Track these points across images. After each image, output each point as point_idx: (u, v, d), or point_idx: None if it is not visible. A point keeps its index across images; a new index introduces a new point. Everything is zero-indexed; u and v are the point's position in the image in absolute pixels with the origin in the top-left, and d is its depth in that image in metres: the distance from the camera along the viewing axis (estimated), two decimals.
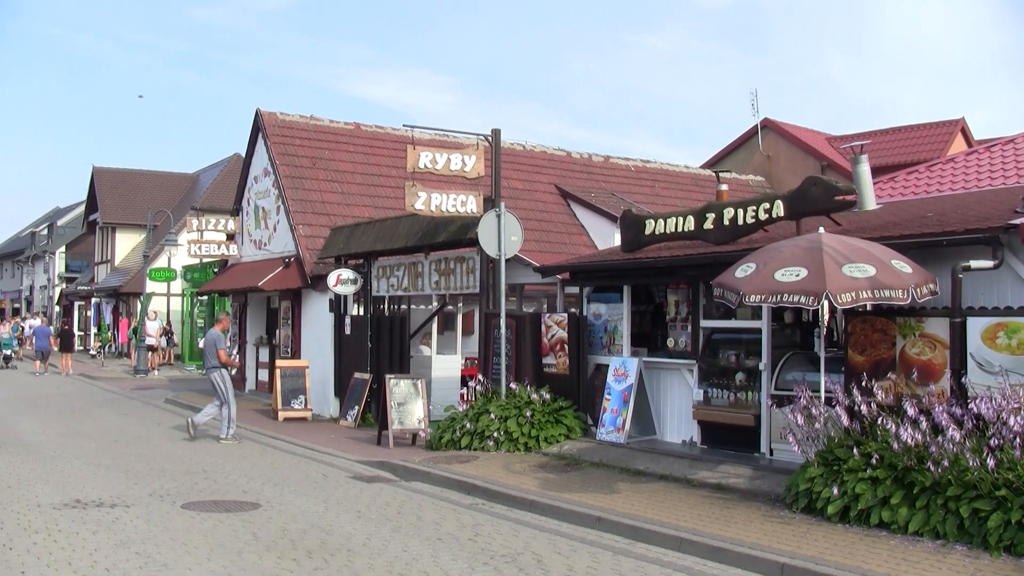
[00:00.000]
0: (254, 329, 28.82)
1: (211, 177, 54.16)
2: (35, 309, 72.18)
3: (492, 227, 16.56)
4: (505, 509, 12.10)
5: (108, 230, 56.17)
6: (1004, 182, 17.43)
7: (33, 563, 9.26)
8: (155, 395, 28.26)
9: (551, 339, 16.95)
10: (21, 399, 26.98)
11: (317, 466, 15.57)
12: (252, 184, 27.68)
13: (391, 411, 17.21)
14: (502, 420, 15.86)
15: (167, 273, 40.26)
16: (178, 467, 15.18)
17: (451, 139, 25.67)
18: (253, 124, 27.01)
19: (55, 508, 11.84)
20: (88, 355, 51.42)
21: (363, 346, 20.94)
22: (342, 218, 23.95)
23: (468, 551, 9.84)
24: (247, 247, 28.24)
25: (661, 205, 28.86)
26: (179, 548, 9.87)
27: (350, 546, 10.03)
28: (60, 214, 78.99)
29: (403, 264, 20.27)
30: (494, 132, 17.98)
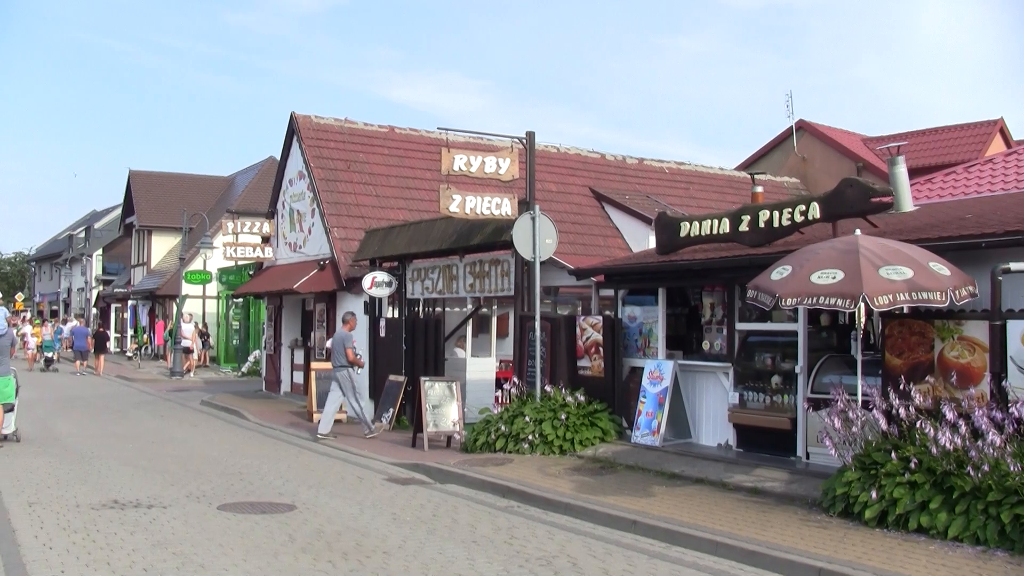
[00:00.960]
0: (289, 331, 28.92)
1: (246, 180, 54.41)
2: (72, 311, 72.71)
3: (527, 229, 16.55)
4: (540, 512, 12.08)
5: (144, 233, 56.51)
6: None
7: (72, 563, 9.32)
8: (191, 397, 28.40)
9: (586, 341, 16.92)
10: (59, 400, 27.17)
11: (352, 468, 15.60)
12: (287, 187, 27.79)
13: (426, 413, 17.21)
14: (537, 423, 15.84)
15: (203, 275, 40.47)
16: (214, 469, 15.25)
17: (485, 142, 25.65)
18: (288, 127, 27.13)
19: (93, 508, 11.91)
20: (124, 357, 51.75)
21: (398, 348, 20.96)
22: (376, 221, 24.00)
23: (503, 554, 9.83)
24: (282, 250, 28.35)
25: (696, 207, 28.79)
26: (215, 549, 9.90)
27: (385, 548, 10.03)
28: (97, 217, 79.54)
29: (438, 267, 20.28)
30: (528, 135, 17.96)
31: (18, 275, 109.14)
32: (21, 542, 10.17)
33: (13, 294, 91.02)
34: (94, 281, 69.05)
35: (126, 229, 60.93)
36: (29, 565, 9.21)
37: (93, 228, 74.59)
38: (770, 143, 38.08)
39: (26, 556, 9.56)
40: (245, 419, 22.51)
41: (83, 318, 55.49)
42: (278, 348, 29.43)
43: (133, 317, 57.33)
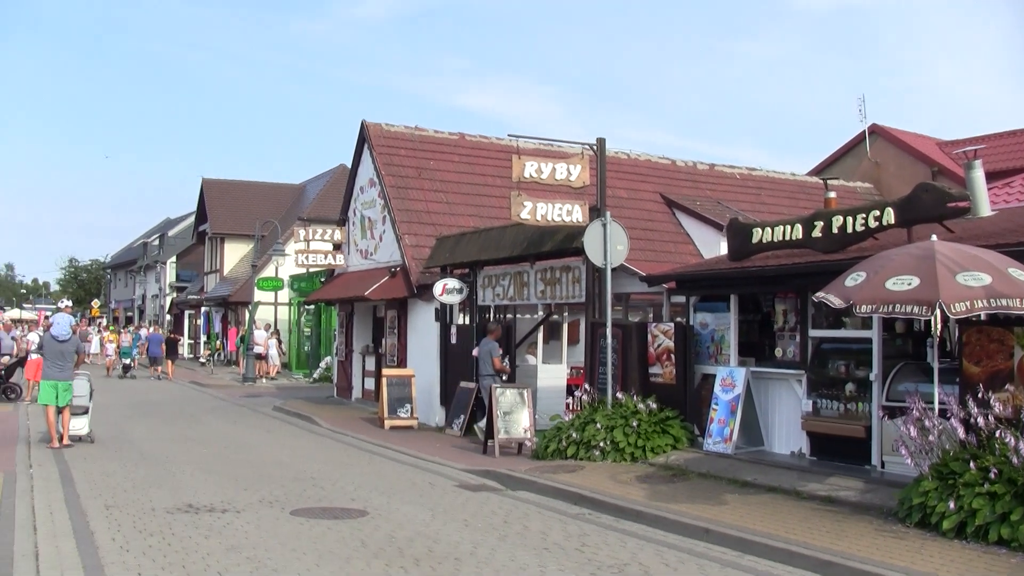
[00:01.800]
0: (360, 338, 29.08)
1: (317, 188, 54.82)
2: (147, 318, 73.68)
3: (598, 236, 16.52)
4: (612, 519, 12.04)
5: (217, 240, 57.15)
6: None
7: (148, 565, 9.45)
8: (263, 403, 28.66)
9: (657, 348, 16.85)
10: (134, 405, 27.53)
11: (423, 474, 15.65)
12: (358, 194, 27.95)
13: (497, 420, 17.24)
14: (608, 430, 15.80)
15: (275, 282, 40.87)
16: (287, 474, 15.36)
17: (555, 148, 25.69)
18: (359, 135, 27.28)
19: (168, 512, 12.05)
20: (198, 363, 52.35)
21: (469, 355, 21.00)
22: (447, 228, 24.07)
23: (575, 561, 9.81)
24: (353, 257, 28.51)
25: (767, 213, 28.53)
26: (288, 554, 9.97)
27: (457, 555, 10.05)
28: (171, 225, 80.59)
29: (508, 273, 20.31)
30: (599, 141, 17.94)
31: (94, 282, 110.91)
32: (99, 544, 10.33)
33: (89, 301, 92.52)
34: (168, 288, 69.96)
35: (199, 237, 61.64)
36: (107, 567, 9.34)
37: (167, 236, 75.60)
38: (842, 148, 37.68)
39: (104, 558, 9.71)
40: (317, 425, 22.67)
41: (157, 325, 56.17)
42: (349, 354, 29.60)
43: (206, 323, 58.02)
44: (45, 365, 18.49)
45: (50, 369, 18.27)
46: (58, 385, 18.08)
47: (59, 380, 18.13)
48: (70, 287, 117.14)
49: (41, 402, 18.48)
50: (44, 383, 18.27)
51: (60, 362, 18.29)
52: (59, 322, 18.92)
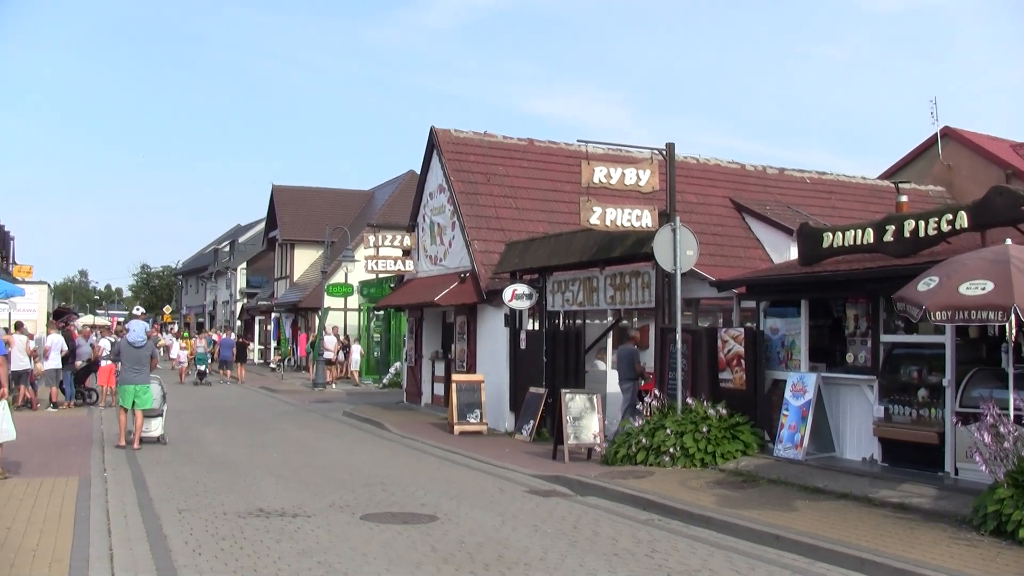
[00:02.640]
0: (430, 343, 29.19)
1: (386, 194, 55.13)
2: (218, 323, 74.47)
3: (667, 241, 16.48)
4: (681, 525, 12.02)
5: (287, 246, 57.66)
6: None
7: (221, 568, 9.59)
8: (333, 408, 28.87)
9: (727, 354, 16.77)
10: (206, 410, 27.86)
11: (493, 480, 15.70)
12: (427, 200, 28.06)
13: (566, 426, 17.25)
14: (678, 435, 15.76)
15: (344, 288, 41.11)
16: (356, 479, 15.48)
17: (624, 153, 25.59)
18: (428, 141, 27.40)
19: (240, 516, 12.20)
20: (268, 368, 52.84)
21: (538, 361, 21.04)
22: (516, 233, 24.09)
23: (645, 567, 9.81)
24: (423, 262, 28.64)
25: (838, 217, 28.26)
26: (359, 558, 10.06)
27: (527, 560, 10.08)
28: (241, 231, 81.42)
29: (578, 279, 20.31)
30: (668, 146, 17.90)
31: (166, 288, 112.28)
32: (172, 547, 10.50)
33: (161, 307, 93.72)
34: (238, 294, 70.66)
35: (269, 243, 62.24)
36: (180, 570, 9.50)
37: (237, 242, 76.38)
38: (914, 151, 37.25)
39: (177, 561, 9.87)
40: (386, 430, 22.80)
41: (229, 330, 56.79)
42: (419, 360, 29.72)
43: (276, 329, 58.50)
44: (123, 369, 19.27)
45: (127, 373, 19.05)
46: (136, 389, 18.81)
47: (137, 384, 18.86)
48: (142, 293, 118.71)
49: (120, 405, 19.24)
50: (122, 387, 19.05)
51: (137, 366, 19.02)
52: (135, 328, 19.71)
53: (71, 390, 27.47)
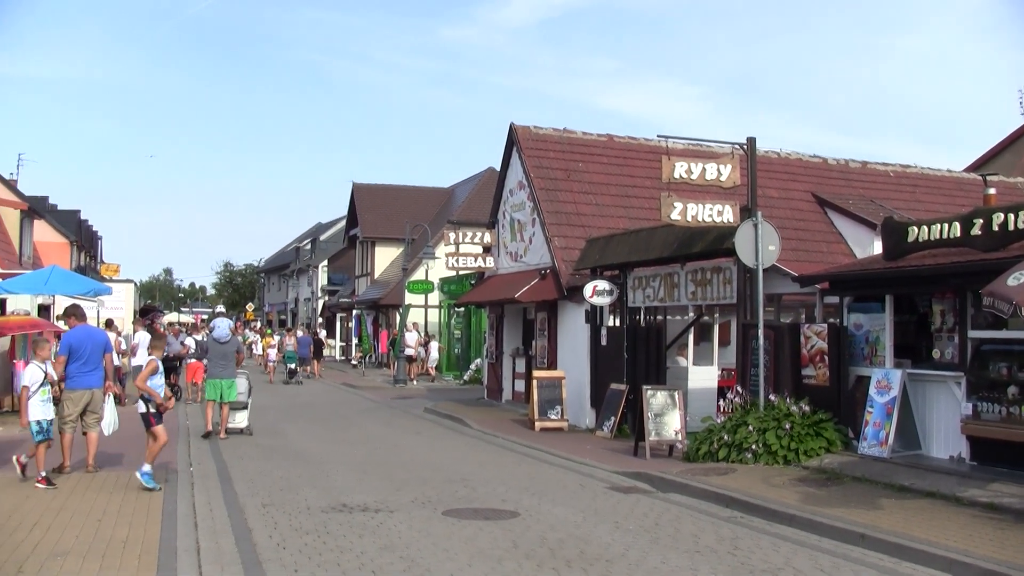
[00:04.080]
0: (510, 340, 29.21)
1: (466, 191, 55.29)
2: (299, 320, 75.20)
3: (749, 237, 16.35)
4: (764, 523, 11.90)
5: (368, 244, 58.02)
6: None
7: (305, 563, 9.65)
8: (414, 404, 28.99)
9: (810, 350, 16.59)
10: (289, 407, 28.12)
11: (574, 476, 15.67)
12: (507, 197, 28.09)
13: (648, 422, 17.17)
14: (760, 432, 15.61)
15: (425, 285, 41.26)
16: (438, 475, 15.53)
17: (705, 148, 25.47)
18: (507, 138, 27.43)
19: (323, 511, 12.29)
20: (350, 365, 53.21)
21: (619, 357, 20.97)
22: (596, 229, 24.03)
23: (727, 565, 9.73)
24: (503, 259, 28.67)
25: (922, 211, 27.81)
26: (441, 554, 10.09)
27: (608, 556, 10.05)
28: (322, 229, 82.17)
29: (659, 275, 20.22)
30: (749, 140, 17.75)
31: (248, 286, 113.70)
32: (257, 541, 10.60)
33: (244, 304, 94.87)
34: (320, 291, 71.27)
35: (350, 241, 62.70)
36: (265, 564, 9.58)
37: (319, 240, 77.09)
38: (1001, 143, 36.52)
39: (262, 555, 9.97)
40: (467, 427, 22.85)
41: (306, 328, 57.36)
42: (499, 356, 29.75)
43: (358, 326, 58.90)
44: (209, 365, 20.46)
45: (214, 368, 20.21)
46: (222, 383, 19.93)
47: (223, 378, 19.99)
48: (225, 291, 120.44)
49: (207, 398, 20.61)
50: (209, 381, 20.44)
51: (223, 362, 20.13)
52: (219, 325, 20.77)
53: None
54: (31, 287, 25.15)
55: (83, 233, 64.38)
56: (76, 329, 14.93)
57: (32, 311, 27.11)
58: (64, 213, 62.65)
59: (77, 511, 11.75)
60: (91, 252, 69.83)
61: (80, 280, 27.40)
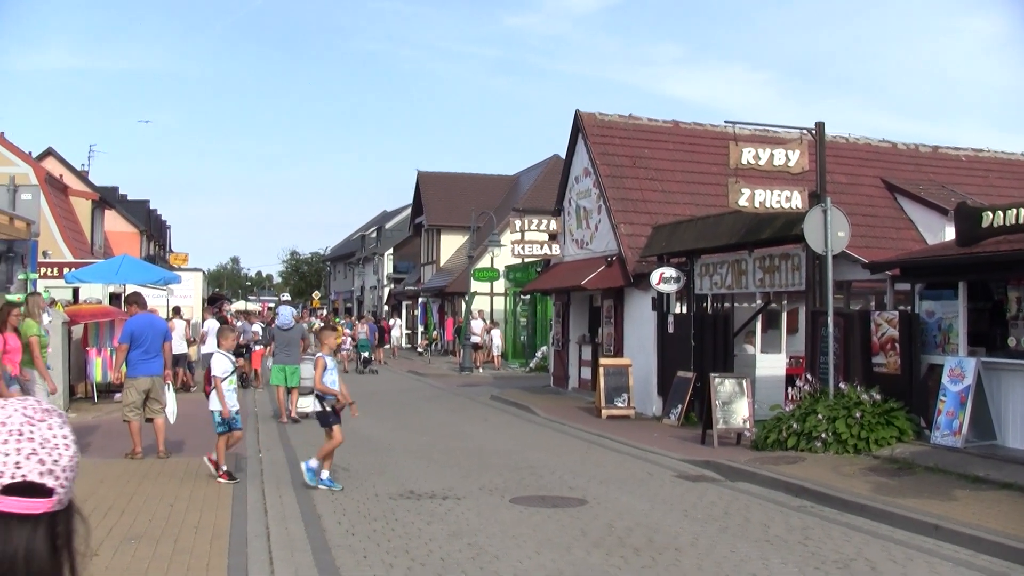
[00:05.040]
0: (576, 327, 29.15)
1: (531, 178, 55.23)
2: (365, 308, 75.58)
3: (818, 223, 16.14)
4: (835, 513, 11.75)
5: (433, 232, 58.18)
6: None
7: (373, 549, 9.70)
8: (480, 392, 29.01)
9: (881, 338, 16.37)
10: (355, 395, 27.70)
11: (641, 464, 15.60)
12: (573, 184, 28.02)
13: (716, 410, 17.05)
14: (830, 421, 15.42)
15: (491, 273, 41.28)
16: (505, 462, 15.52)
17: (772, 134, 25.20)
18: (572, 125, 27.36)
19: (391, 498, 12.33)
20: (415, 353, 53.41)
21: (686, 344, 20.85)
22: (663, 216, 23.90)
23: (798, 555, 9.61)
24: (569, 246, 28.61)
25: (996, 196, 27.35)
26: (509, 541, 10.07)
27: (677, 545, 9.98)
28: (387, 218, 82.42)
29: (726, 262, 20.06)
30: (818, 125, 17.55)
31: (315, 274, 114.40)
32: (326, 527, 10.67)
33: (310, 292, 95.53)
34: (385, 279, 71.54)
35: (415, 229, 62.91)
36: (334, 549, 9.65)
37: (384, 228, 77.35)
38: None
39: (331, 541, 10.03)
40: (534, 414, 22.83)
41: (371, 316, 57.69)
42: (565, 344, 29.70)
43: (423, 314, 59.10)
44: (276, 351, 21.13)
45: (280, 355, 20.86)
46: (286, 368, 20.57)
47: (287, 364, 20.62)
48: (292, 279, 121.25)
49: (272, 383, 21.35)
50: (275, 367, 20.85)
51: (287, 348, 20.80)
52: (283, 313, 21.79)
53: None
54: (103, 276, 25.53)
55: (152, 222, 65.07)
56: (137, 317, 15.03)
57: (104, 299, 27.48)
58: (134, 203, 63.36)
59: (150, 496, 11.88)
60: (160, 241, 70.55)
61: (150, 269, 27.78)
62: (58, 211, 39.39)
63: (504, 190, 58.96)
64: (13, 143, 41.60)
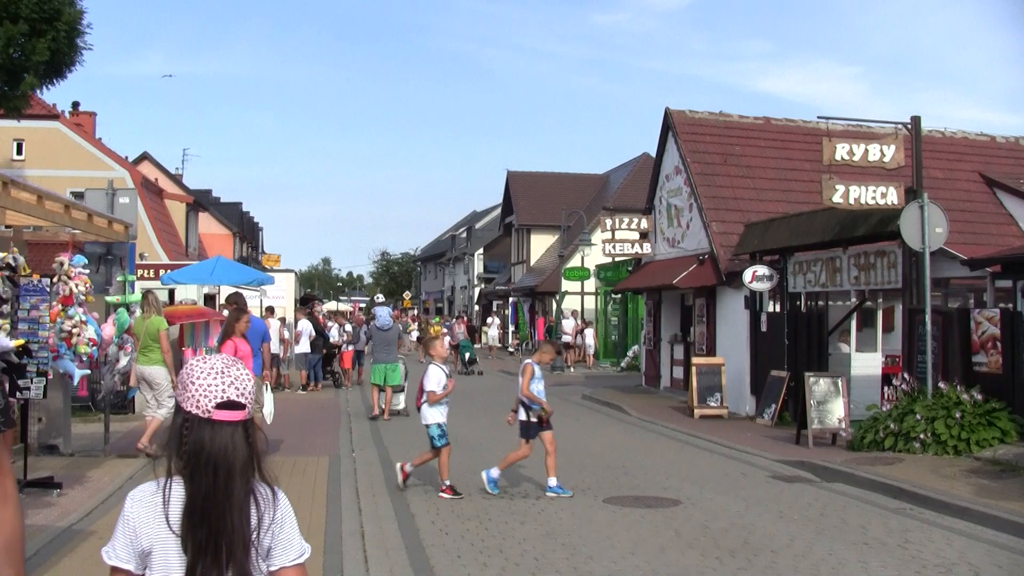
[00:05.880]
0: (668, 326, 28.99)
1: (621, 177, 55.06)
2: (456, 309, 75.93)
3: (915, 219, 15.86)
4: (935, 515, 11.50)
5: (523, 231, 58.23)
6: None
7: (467, 548, 9.72)
8: (571, 391, 28.92)
9: (981, 336, 16.02)
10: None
11: (735, 464, 15.45)
12: (663, 182, 27.88)
13: (810, 410, 16.84)
14: (928, 421, 15.12)
15: (581, 272, 41.20)
16: (597, 462, 15.47)
17: (865, 129, 24.82)
18: (662, 123, 27.25)
19: (484, 497, 12.35)
20: (507, 352, 53.49)
21: (779, 343, 20.63)
22: (755, 214, 23.68)
23: (897, 558, 9.43)
24: (660, 245, 28.46)
25: None
26: (603, 541, 10.03)
27: (773, 546, 9.86)
28: (477, 218, 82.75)
29: (820, 259, 19.80)
30: (914, 119, 17.26)
31: (405, 275, 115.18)
32: (420, 526, 10.72)
33: (401, 293, 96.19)
34: (475, 279, 71.79)
35: (505, 228, 63.01)
36: (428, 549, 9.69)
37: (474, 228, 77.66)
38: None
39: (425, 540, 10.07)
40: (626, 414, 22.74)
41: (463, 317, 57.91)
42: (657, 343, 29.55)
43: (514, 314, 59.16)
44: (374, 350, 21.63)
45: (378, 354, 21.37)
46: (386, 367, 21.06)
47: (386, 363, 21.09)
48: (382, 279, 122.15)
49: (372, 381, 21.65)
50: (374, 366, 21.54)
51: (386, 347, 21.28)
52: (381, 314, 22.09)
53: (319, 373, 28.43)
54: (198, 277, 25.91)
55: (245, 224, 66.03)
56: None
57: (199, 300, 27.88)
58: (227, 205, 64.32)
59: None
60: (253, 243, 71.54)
61: (244, 270, 28.13)
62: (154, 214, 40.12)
63: (594, 189, 58.82)
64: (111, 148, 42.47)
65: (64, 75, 25.56)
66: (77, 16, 24.45)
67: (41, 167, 37.33)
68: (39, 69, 24.07)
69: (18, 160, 39.47)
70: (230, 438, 3.02)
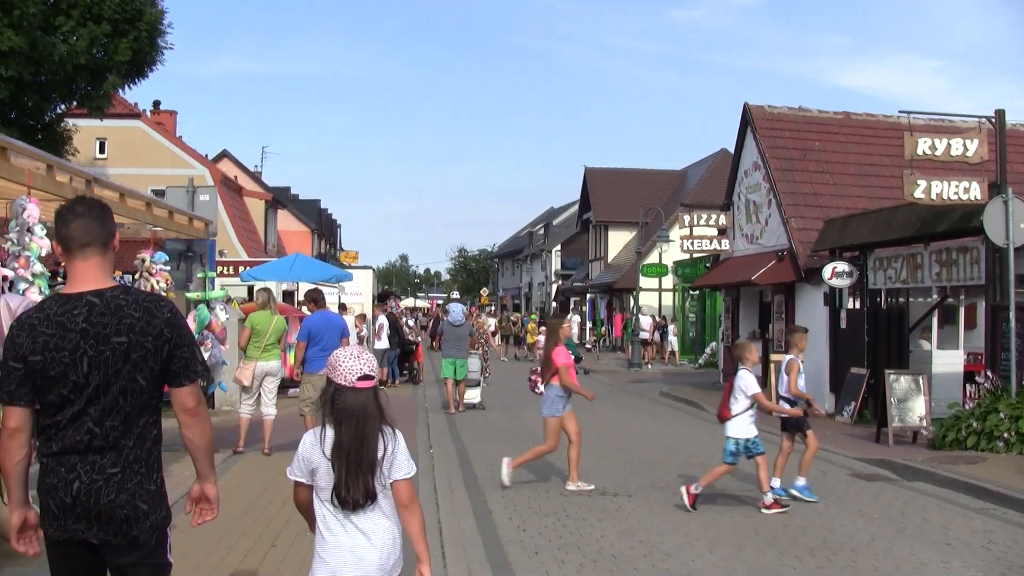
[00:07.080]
0: (746, 323, 28.82)
1: (698, 173, 54.77)
2: (533, 305, 76.01)
3: (999, 214, 15.62)
4: (1019, 516, 11.32)
5: (601, 228, 58.12)
6: None
7: (545, 545, 9.75)
8: (649, 388, 28.89)
9: None
10: (519, 391, 28.31)
11: (814, 462, 15.12)
12: (742, 178, 27.72)
13: (891, 408, 16.67)
14: (1013, 420, 14.88)
15: (659, 269, 41.05)
16: (674, 459, 15.44)
17: (947, 124, 24.51)
18: (741, 118, 27.08)
19: (562, 495, 12.38)
20: (584, 349, 53.46)
21: (859, 340, 20.42)
22: (834, 210, 23.44)
23: (981, 559, 9.32)
24: (738, 241, 28.29)
25: None
26: (680, 539, 10.02)
27: (853, 545, 9.79)
28: (555, 214, 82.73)
29: (900, 256, 19.55)
30: (998, 113, 17.00)
31: (482, 271, 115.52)
32: (497, 523, 10.77)
33: (478, 289, 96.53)
34: (553, 275, 71.81)
35: (583, 225, 62.92)
36: (506, 545, 9.73)
37: (551, 225, 77.70)
38: None
39: (503, 536, 10.12)
40: (704, 411, 22.59)
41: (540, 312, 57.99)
42: (735, 340, 29.35)
43: (591, 310, 59.11)
44: (445, 345, 21.88)
45: (449, 349, 21.67)
46: (456, 362, 21.68)
47: (456, 358, 21.67)
48: (460, 276, 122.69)
49: (443, 376, 22.33)
50: (444, 361, 21.90)
51: (457, 343, 21.64)
52: (454, 310, 22.44)
53: (396, 369, 28.62)
54: (277, 274, 26.19)
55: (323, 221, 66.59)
56: (315, 315, 15.31)
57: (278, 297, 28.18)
58: (305, 203, 64.91)
59: None
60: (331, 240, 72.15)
61: (322, 267, 28.41)
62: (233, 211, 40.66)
63: (671, 185, 58.56)
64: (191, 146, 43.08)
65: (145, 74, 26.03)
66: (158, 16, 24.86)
67: (123, 165, 38.00)
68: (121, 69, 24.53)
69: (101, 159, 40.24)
70: (366, 398, 4.62)
